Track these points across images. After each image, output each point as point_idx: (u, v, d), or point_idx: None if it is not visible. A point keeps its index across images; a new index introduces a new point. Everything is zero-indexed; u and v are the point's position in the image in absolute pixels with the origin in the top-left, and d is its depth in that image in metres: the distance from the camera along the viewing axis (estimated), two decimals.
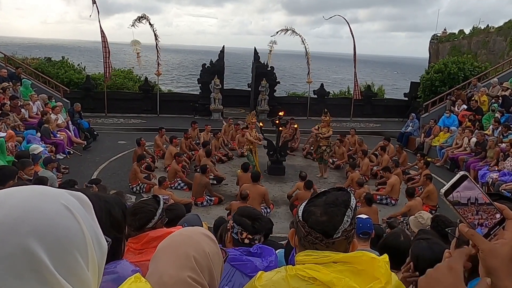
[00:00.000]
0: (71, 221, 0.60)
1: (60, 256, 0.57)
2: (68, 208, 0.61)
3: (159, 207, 2.25)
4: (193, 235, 1.14)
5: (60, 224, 0.58)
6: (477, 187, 0.87)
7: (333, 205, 1.26)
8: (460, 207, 0.86)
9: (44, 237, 0.55)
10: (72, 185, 5.49)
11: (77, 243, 0.60)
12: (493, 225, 0.85)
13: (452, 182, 0.87)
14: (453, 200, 0.86)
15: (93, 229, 0.65)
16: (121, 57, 21.80)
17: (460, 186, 0.86)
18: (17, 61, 15.44)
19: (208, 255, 1.09)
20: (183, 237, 1.13)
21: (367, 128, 16.05)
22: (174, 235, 1.15)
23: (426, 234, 2.28)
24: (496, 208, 0.86)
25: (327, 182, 10.00)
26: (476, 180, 9.95)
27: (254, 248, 2.03)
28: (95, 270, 0.63)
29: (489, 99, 13.21)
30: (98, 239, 0.66)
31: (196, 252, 1.07)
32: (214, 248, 1.13)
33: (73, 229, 0.60)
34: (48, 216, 0.58)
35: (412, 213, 7.11)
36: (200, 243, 1.11)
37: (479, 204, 0.86)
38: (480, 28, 23.13)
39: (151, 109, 16.29)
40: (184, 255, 1.06)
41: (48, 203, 0.60)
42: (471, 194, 0.86)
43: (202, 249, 1.09)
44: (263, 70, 16.59)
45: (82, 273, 0.59)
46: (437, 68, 16.55)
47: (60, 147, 10.44)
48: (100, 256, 0.65)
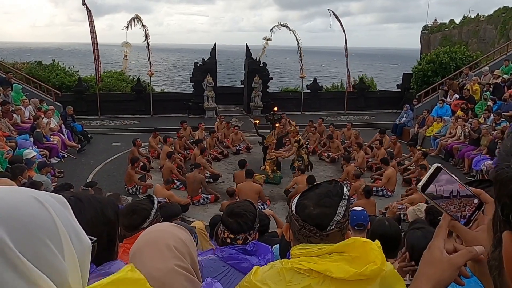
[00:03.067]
0: (40, 209, 0.60)
1: (25, 238, 0.56)
2: (38, 200, 0.61)
3: (153, 206, 2.25)
4: (166, 229, 1.19)
5: (26, 211, 0.58)
6: (455, 179, 0.87)
7: (326, 197, 1.27)
8: (443, 200, 0.86)
9: (6, 220, 0.55)
10: (68, 189, 5.46)
11: (47, 229, 0.59)
12: (472, 211, 0.85)
13: (428, 175, 0.87)
14: (436, 194, 0.86)
15: (71, 223, 0.65)
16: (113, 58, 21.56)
17: (443, 180, 0.86)
18: (7, 66, 15.30)
19: (185, 242, 1.14)
20: (158, 232, 1.17)
21: (361, 121, 16.09)
22: (147, 233, 1.19)
23: (420, 224, 2.30)
24: (474, 194, 0.86)
25: (323, 176, 10.01)
26: (471, 168, 10.03)
27: (249, 245, 2.01)
28: (75, 263, 0.63)
29: (481, 88, 13.29)
30: (78, 235, 0.65)
31: (174, 242, 1.12)
32: (187, 235, 1.18)
33: (40, 215, 0.60)
34: (13, 204, 0.58)
35: (415, 206, 7.17)
36: (174, 233, 1.15)
37: (460, 197, 0.86)
38: (470, 17, 23.23)
39: (144, 109, 16.22)
40: (165, 247, 1.10)
41: (16, 194, 0.61)
42: (452, 188, 0.86)
43: (179, 238, 1.14)
44: (255, 67, 16.57)
45: (55, 260, 0.59)
46: (428, 58, 16.63)
47: (54, 151, 10.37)
48: (81, 251, 0.65)
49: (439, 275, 0.85)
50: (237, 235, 1.99)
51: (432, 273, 0.86)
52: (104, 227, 1.27)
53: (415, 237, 2.02)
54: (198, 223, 4.38)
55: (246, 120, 15.41)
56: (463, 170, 10.36)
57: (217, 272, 1.91)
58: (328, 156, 11.21)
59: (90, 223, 1.23)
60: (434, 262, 0.86)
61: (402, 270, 1.95)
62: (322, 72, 52.50)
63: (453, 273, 0.85)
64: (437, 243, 0.86)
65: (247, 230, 2.00)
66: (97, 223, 1.26)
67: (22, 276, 0.55)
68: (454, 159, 10.98)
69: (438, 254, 0.85)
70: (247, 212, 2.03)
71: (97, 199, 1.36)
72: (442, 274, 0.85)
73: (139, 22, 15.31)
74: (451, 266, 0.84)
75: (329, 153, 11.32)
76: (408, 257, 2.01)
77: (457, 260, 0.84)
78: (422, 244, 1.93)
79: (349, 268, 1.18)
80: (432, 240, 0.88)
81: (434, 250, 0.86)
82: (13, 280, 0.54)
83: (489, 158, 9.62)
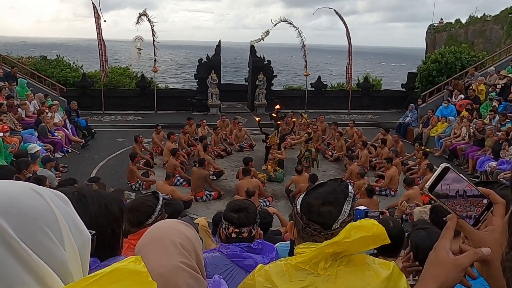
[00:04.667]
0: (39, 200, 0.61)
1: (26, 227, 0.57)
2: (37, 191, 0.62)
3: (158, 203, 2.24)
4: (171, 225, 1.19)
5: (25, 201, 0.59)
6: (463, 179, 0.86)
7: (331, 196, 1.26)
8: (449, 199, 0.85)
9: (6, 210, 0.56)
10: (72, 184, 5.47)
11: (46, 218, 0.60)
12: (481, 212, 0.85)
13: (436, 175, 0.86)
14: (442, 193, 0.85)
15: (70, 216, 0.65)
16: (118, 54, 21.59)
17: (449, 179, 0.85)
18: (12, 61, 15.36)
19: (190, 239, 1.14)
20: (164, 229, 1.16)
21: (365, 120, 16.05)
22: (153, 229, 1.19)
23: (425, 224, 2.28)
24: (482, 193, 0.85)
25: (326, 175, 10.00)
26: (475, 169, 9.99)
27: (255, 244, 2.02)
28: (76, 254, 0.63)
29: (486, 88, 13.21)
30: (77, 226, 0.66)
31: (180, 238, 1.12)
32: (193, 233, 1.18)
33: (40, 206, 0.60)
34: (13, 195, 0.59)
35: (411, 202, 7.15)
36: (180, 230, 1.15)
37: (467, 196, 0.85)
38: (476, 17, 23.08)
39: (148, 105, 16.24)
40: (171, 243, 1.10)
41: (14, 186, 0.61)
42: (459, 187, 0.85)
43: (184, 235, 1.14)
44: (260, 64, 16.54)
45: (56, 249, 0.59)
46: (434, 58, 16.53)
47: (58, 145, 10.42)
48: (81, 243, 0.65)
49: (445, 276, 0.85)
50: (242, 229, 2.03)
51: (438, 274, 0.85)
52: (109, 223, 1.28)
53: (419, 237, 2.01)
54: (201, 220, 4.39)
55: (250, 117, 15.40)
56: (467, 171, 10.31)
57: (221, 269, 1.91)
58: (332, 154, 11.20)
59: (95, 218, 1.23)
60: (440, 263, 0.85)
61: (406, 270, 1.94)
62: (327, 70, 52.34)
63: (459, 274, 0.84)
64: (443, 244, 0.86)
65: (251, 223, 2.06)
66: (102, 218, 1.26)
67: (23, 264, 0.55)
68: (458, 160, 10.93)
69: (444, 255, 0.85)
70: (248, 206, 2.11)
71: (102, 194, 1.36)
72: (447, 275, 0.84)
73: (147, 18, 15.31)
74: (457, 267, 0.84)
75: (333, 151, 11.31)
76: (412, 257, 2.00)
77: (463, 261, 0.83)
78: (426, 244, 1.93)
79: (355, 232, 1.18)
80: (438, 241, 0.87)
81: (440, 251, 0.85)
82: (14, 266, 0.54)
83: (493, 159, 9.57)
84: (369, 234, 1.17)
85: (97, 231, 0.93)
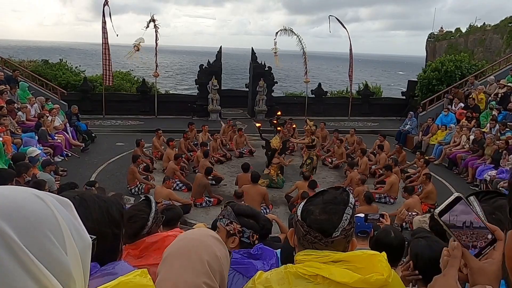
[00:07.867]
0: (41, 205, 0.61)
1: (29, 233, 0.57)
2: (39, 197, 0.62)
3: (151, 211, 2.13)
4: (204, 239, 1.13)
5: (28, 207, 0.59)
6: (472, 211, 0.90)
7: (331, 204, 1.26)
8: (456, 229, 0.90)
9: (9, 215, 0.56)
10: (73, 188, 5.46)
11: (49, 223, 0.60)
12: (485, 245, 0.89)
13: (447, 203, 0.90)
14: (449, 223, 0.90)
15: (71, 221, 0.66)
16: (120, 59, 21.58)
17: (458, 210, 0.89)
18: (14, 64, 15.39)
19: (220, 259, 1.10)
20: (195, 242, 1.12)
21: (365, 127, 16.07)
22: (185, 238, 1.14)
23: (424, 233, 2.28)
24: (488, 229, 0.89)
25: (326, 182, 10.00)
26: (474, 178, 9.98)
27: (254, 249, 2.00)
28: (77, 259, 0.63)
29: (486, 97, 13.24)
30: (79, 232, 0.66)
31: (209, 256, 1.07)
32: (224, 251, 1.14)
33: (43, 211, 0.61)
34: (16, 200, 0.59)
35: (411, 211, 7.12)
36: (211, 246, 1.11)
37: (474, 228, 0.89)
38: (476, 26, 23.17)
39: (149, 110, 16.26)
40: (198, 260, 1.06)
41: (17, 192, 0.62)
42: (466, 218, 0.89)
43: (214, 253, 1.09)
44: (260, 71, 16.60)
45: (59, 254, 0.60)
46: (434, 66, 16.57)
47: (58, 149, 10.41)
48: (82, 248, 0.66)
49: None
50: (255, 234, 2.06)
51: None
52: (110, 227, 1.27)
53: (419, 246, 2.00)
54: (200, 226, 4.38)
55: (250, 123, 15.42)
56: (467, 179, 10.30)
57: None
58: (332, 161, 11.20)
59: (96, 223, 1.23)
60: None
61: (406, 279, 1.94)
62: (328, 78, 52.46)
63: None
64: (453, 273, 0.89)
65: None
66: (103, 222, 1.26)
67: (26, 269, 0.55)
68: (458, 168, 10.92)
69: (454, 284, 0.88)
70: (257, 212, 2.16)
71: (102, 198, 1.36)
72: None
73: (153, 24, 15.38)
74: None
75: (333, 159, 11.31)
76: (411, 265, 1.99)
77: None
78: (426, 253, 1.92)
79: (353, 274, 1.18)
80: (447, 269, 0.90)
81: (449, 280, 0.89)
82: (17, 272, 0.54)
83: (493, 167, 9.57)
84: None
85: (98, 236, 0.93)
